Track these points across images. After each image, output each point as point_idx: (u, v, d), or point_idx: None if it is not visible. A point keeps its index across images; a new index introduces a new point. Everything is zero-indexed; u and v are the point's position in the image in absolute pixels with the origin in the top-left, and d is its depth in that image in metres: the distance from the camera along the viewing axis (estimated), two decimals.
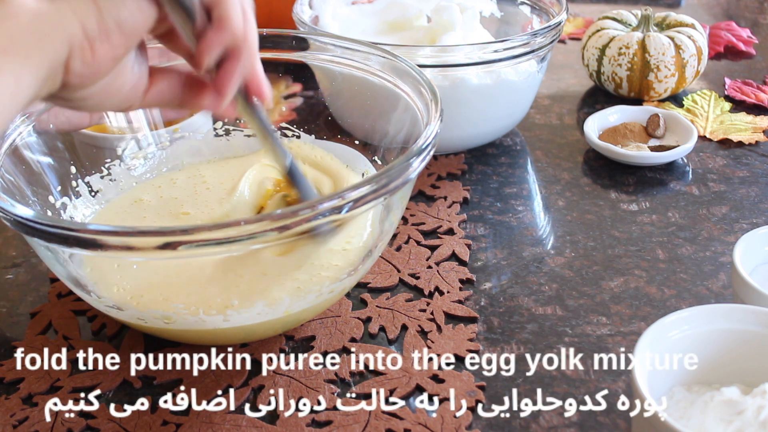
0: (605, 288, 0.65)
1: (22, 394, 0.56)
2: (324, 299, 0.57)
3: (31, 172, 0.61)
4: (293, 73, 0.77)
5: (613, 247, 0.70)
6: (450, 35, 0.83)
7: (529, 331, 0.61)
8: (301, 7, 0.86)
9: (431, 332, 0.60)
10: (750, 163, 0.83)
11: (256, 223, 0.46)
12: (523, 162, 0.86)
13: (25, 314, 0.64)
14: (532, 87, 0.84)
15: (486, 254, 0.70)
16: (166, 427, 0.53)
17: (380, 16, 0.91)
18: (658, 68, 0.92)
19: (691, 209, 0.76)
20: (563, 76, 1.05)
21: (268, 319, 0.55)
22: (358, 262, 0.58)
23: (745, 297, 0.56)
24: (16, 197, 0.57)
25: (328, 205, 0.48)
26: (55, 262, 0.54)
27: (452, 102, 0.78)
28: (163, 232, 0.46)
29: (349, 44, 0.70)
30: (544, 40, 0.79)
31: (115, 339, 0.61)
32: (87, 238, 0.46)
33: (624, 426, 0.52)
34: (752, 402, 0.46)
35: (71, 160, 0.66)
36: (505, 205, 0.77)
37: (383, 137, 0.70)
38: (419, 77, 0.63)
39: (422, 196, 0.78)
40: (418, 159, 0.53)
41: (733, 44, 1.12)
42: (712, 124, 0.91)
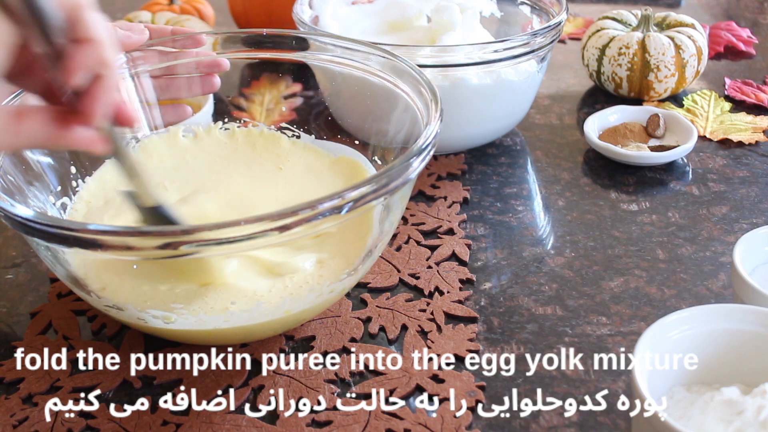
0: (605, 288, 0.65)
1: (22, 394, 0.56)
2: (324, 299, 0.57)
3: (31, 172, 0.61)
4: (293, 73, 0.77)
5: (613, 247, 0.70)
6: (450, 35, 0.83)
7: (529, 331, 0.61)
8: (301, 7, 0.86)
9: (431, 332, 0.60)
10: (750, 163, 0.83)
11: (256, 223, 0.46)
12: (523, 162, 0.86)
13: (25, 314, 0.64)
14: (532, 87, 0.84)
15: (486, 254, 0.70)
16: (166, 427, 0.53)
17: (380, 16, 0.91)
18: (658, 68, 0.92)
19: (691, 209, 0.76)
20: (563, 76, 1.05)
21: (268, 319, 0.55)
22: (358, 262, 0.58)
23: (745, 297, 0.56)
24: (16, 197, 0.57)
25: (328, 205, 0.48)
26: (55, 262, 0.54)
27: (452, 102, 0.78)
28: (163, 233, 0.46)
29: (349, 44, 0.70)
30: (544, 40, 0.79)
31: (115, 339, 0.61)
32: (87, 238, 0.46)
33: (624, 426, 0.52)
34: (752, 402, 0.46)
35: (71, 160, 0.66)
36: (505, 205, 0.77)
37: (383, 137, 0.70)
38: (419, 77, 0.63)
39: (422, 196, 0.78)
40: (418, 159, 0.53)
41: (733, 44, 1.12)
42: (712, 124, 0.91)
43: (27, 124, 0.44)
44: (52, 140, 0.45)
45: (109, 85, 0.44)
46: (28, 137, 0.44)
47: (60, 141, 0.45)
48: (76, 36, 0.42)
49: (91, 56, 0.42)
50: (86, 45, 0.42)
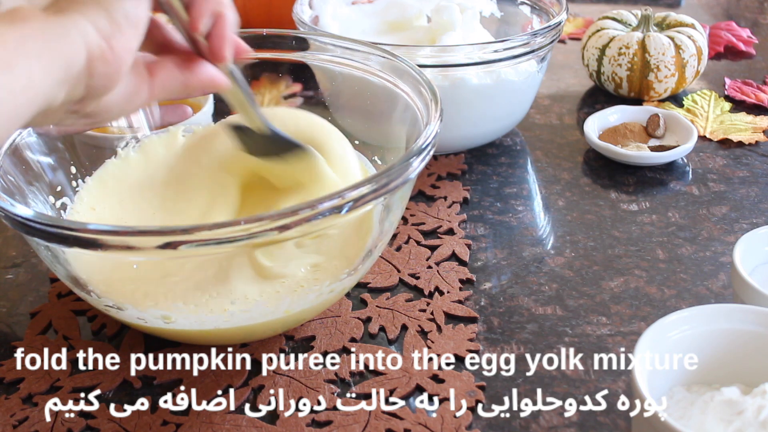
0: (605, 288, 0.65)
1: (22, 394, 0.56)
2: (324, 299, 0.57)
3: (31, 172, 0.61)
4: (293, 73, 0.77)
5: (613, 247, 0.70)
6: (450, 35, 0.83)
7: (529, 331, 0.61)
8: (301, 7, 0.86)
9: (431, 332, 0.60)
10: (750, 163, 0.83)
11: (256, 223, 0.46)
12: (523, 162, 0.86)
13: (25, 314, 0.64)
14: (532, 87, 0.84)
15: (486, 254, 0.70)
16: (166, 427, 0.53)
17: (380, 16, 0.91)
18: (658, 68, 0.92)
19: (691, 209, 0.76)
20: (563, 76, 1.05)
21: (268, 319, 0.55)
22: (358, 262, 0.58)
23: (745, 297, 0.56)
24: (16, 197, 0.57)
25: (328, 205, 0.48)
26: (55, 262, 0.54)
27: (452, 102, 0.78)
28: (163, 232, 0.46)
29: (349, 44, 0.70)
30: (544, 40, 0.79)
31: (115, 339, 0.61)
32: (87, 238, 0.46)
33: (624, 426, 0.52)
34: (752, 402, 0.46)
35: (71, 160, 0.66)
36: (505, 205, 0.77)
37: (383, 137, 0.70)
38: (419, 77, 0.63)
39: (422, 196, 0.78)
40: (418, 159, 0.53)
41: (733, 44, 1.12)
42: (712, 124, 0.91)
43: (160, 75, 0.47)
44: (183, 85, 0.48)
45: (230, 23, 0.48)
46: (163, 87, 0.47)
47: (191, 84, 0.48)
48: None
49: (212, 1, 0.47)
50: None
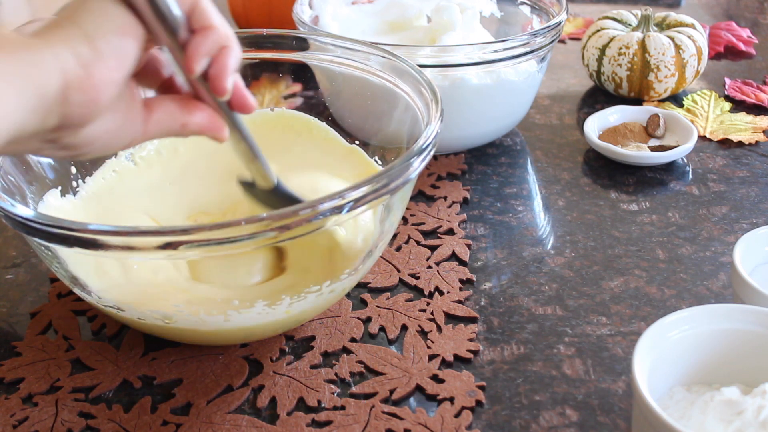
0: (605, 288, 0.65)
1: (22, 394, 0.56)
2: (324, 299, 0.57)
3: (31, 172, 0.61)
4: (293, 73, 0.77)
5: (613, 247, 0.70)
6: (450, 35, 0.83)
7: (529, 331, 0.61)
8: (301, 7, 0.86)
9: (431, 332, 0.60)
10: (750, 163, 0.83)
11: (257, 223, 0.46)
12: (523, 162, 0.86)
13: (25, 314, 0.64)
14: (532, 87, 0.84)
15: (486, 254, 0.70)
16: (166, 427, 0.53)
17: (380, 16, 0.91)
18: (658, 68, 0.92)
19: (691, 209, 0.76)
20: (563, 76, 1.05)
21: (268, 319, 0.55)
22: (358, 262, 0.58)
23: (745, 297, 0.56)
24: (16, 197, 0.57)
25: (329, 205, 0.48)
26: (55, 262, 0.54)
27: (452, 102, 0.78)
28: (163, 232, 0.46)
29: (349, 44, 0.70)
30: (544, 40, 0.79)
31: (115, 339, 0.61)
32: (87, 238, 0.46)
33: (624, 426, 0.52)
34: (752, 402, 0.46)
35: (71, 160, 0.66)
36: (505, 205, 0.77)
37: (383, 137, 0.70)
38: (419, 77, 0.63)
39: (422, 196, 0.78)
40: (418, 159, 0.53)
41: (733, 44, 1.12)
42: (712, 124, 0.91)
43: (156, 113, 0.46)
44: (181, 126, 0.47)
45: (235, 56, 0.46)
46: (158, 125, 0.46)
47: (186, 126, 0.47)
48: (196, 26, 0.44)
49: (211, 40, 0.45)
50: (206, 32, 0.44)
